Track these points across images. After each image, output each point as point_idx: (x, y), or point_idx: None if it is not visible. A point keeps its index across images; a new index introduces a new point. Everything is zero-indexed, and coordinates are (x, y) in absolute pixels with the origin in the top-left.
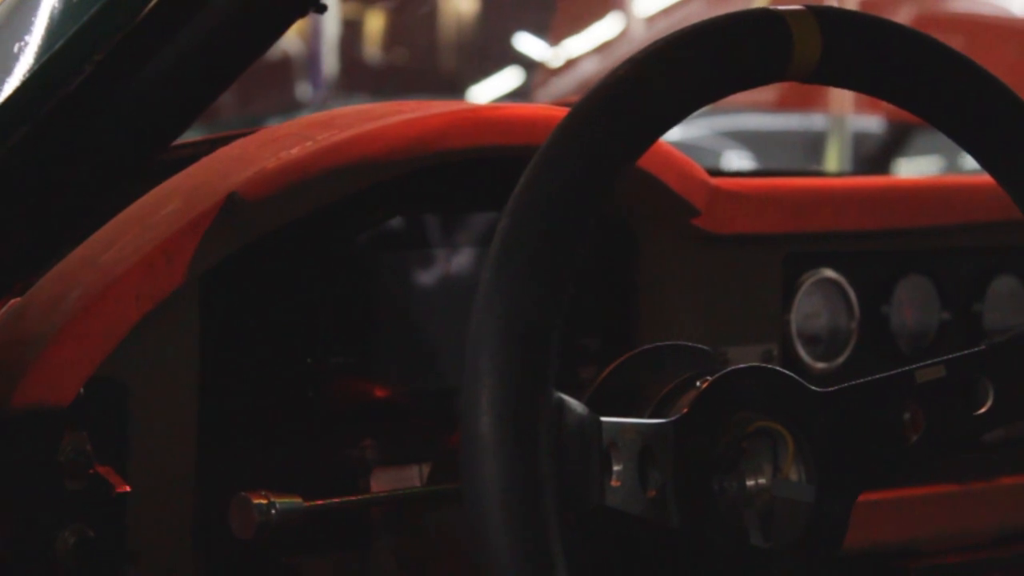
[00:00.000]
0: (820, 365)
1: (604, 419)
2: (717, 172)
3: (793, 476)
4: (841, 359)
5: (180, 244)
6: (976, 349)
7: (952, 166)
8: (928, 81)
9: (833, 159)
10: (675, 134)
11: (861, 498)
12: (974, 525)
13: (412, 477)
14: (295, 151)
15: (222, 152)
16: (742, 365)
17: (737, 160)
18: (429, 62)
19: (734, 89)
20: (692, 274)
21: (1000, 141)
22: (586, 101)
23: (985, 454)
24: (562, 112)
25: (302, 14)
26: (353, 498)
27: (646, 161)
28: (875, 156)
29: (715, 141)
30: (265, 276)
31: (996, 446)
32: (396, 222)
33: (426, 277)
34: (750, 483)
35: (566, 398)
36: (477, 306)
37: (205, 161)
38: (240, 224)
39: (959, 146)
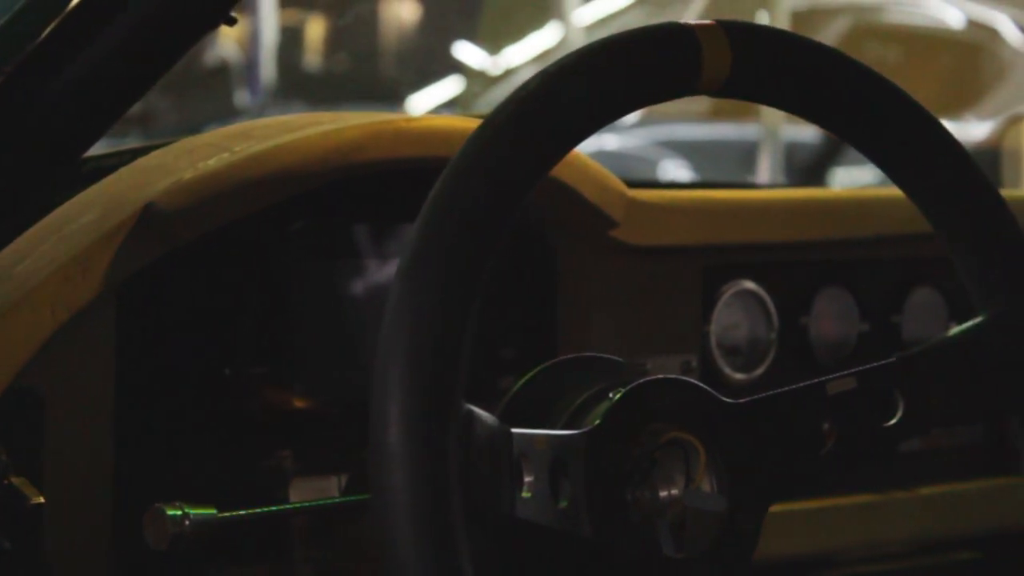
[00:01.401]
0: (739, 376)
1: (515, 430)
2: (636, 184)
3: (705, 487)
4: (760, 370)
5: (97, 255)
6: (886, 361)
7: (887, 176)
8: (838, 95)
9: (765, 169)
10: (613, 144)
11: (779, 508)
12: (892, 535)
13: (331, 487)
14: (213, 162)
15: (140, 163)
16: (654, 377)
17: (674, 170)
18: (369, 70)
19: (644, 103)
20: (611, 285)
21: (909, 155)
22: (496, 115)
23: (903, 464)
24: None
25: (213, 27)
26: (269, 508)
27: (563, 173)
28: (809, 166)
29: (652, 151)
30: (182, 286)
31: (914, 456)
32: (315, 233)
33: (345, 288)
34: (662, 493)
35: (475, 410)
36: (386, 318)
37: (123, 172)
38: (157, 235)
39: (869, 160)
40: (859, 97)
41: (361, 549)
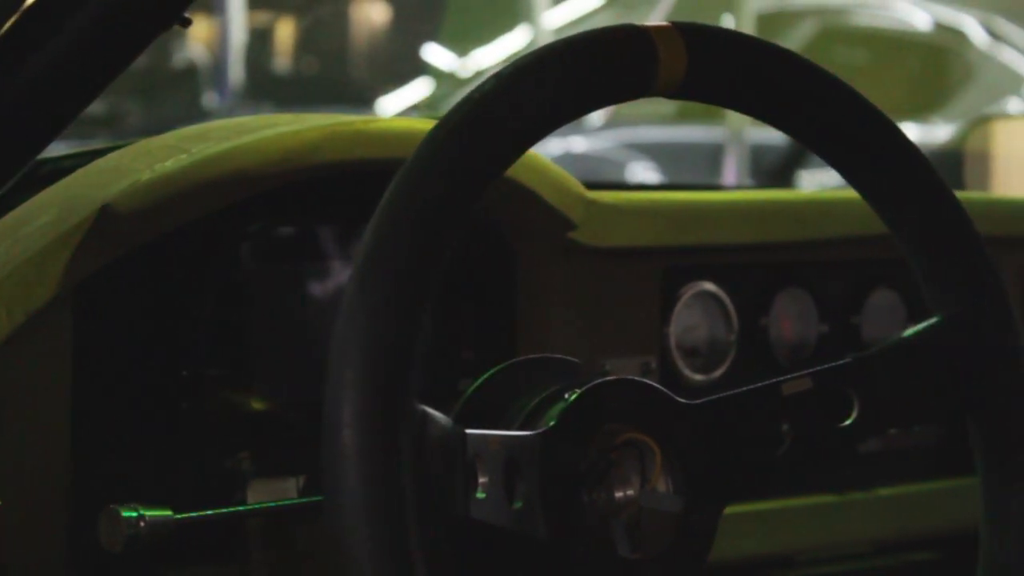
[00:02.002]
0: (699, 377)
1: (469, 431)
2: (595, 185)
3: (661, 487)
4: (720, 371)
5: (53, 256)
6: (841, 362)
7: (842, 178)
8: (793, 98)
9: (730, 172)
10: (580, 146)
11: (738, 508)
12: (850, 535)
13: (289, 489)
14: (169, 163)
15: (97, 164)
16: (610, 378)
17: (641, 172)
18: (339, 72)
19: (599, 105)
20: (570, 287)
21: (864, 156)
22: (450, 116)
23: (861, 465)
24: None
25: (166, 28)
26: (226, 510)
27: (522, 175)
28: (776, 168)
29: (619, 153)
30: (140, 288)
31: (872, 457)
32: (273, 235)
33: (303, 289)
34: (618, 494)
35: (429, 411)
36: (340, 319)
37: (80, 173)
38: (114, 236)
39: (825, 162)
40: (815, 99)
41: (319, 550)
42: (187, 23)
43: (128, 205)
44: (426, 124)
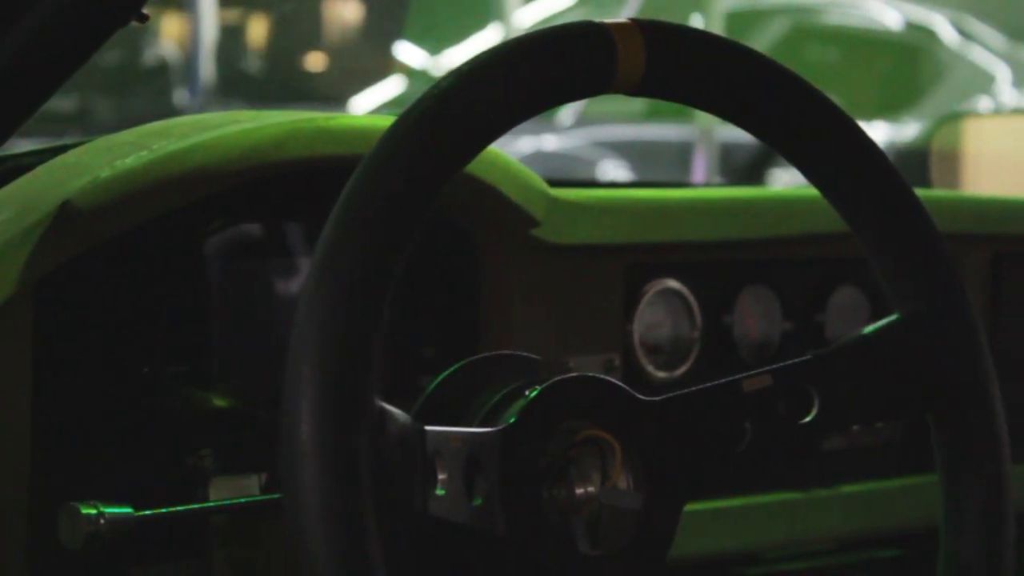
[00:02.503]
0: (662, 374)
1: (428, 428)
2: (558, 183)
3: (622, 484)
4: (683, 369)
5: (13, 253)
6: (802, 359)
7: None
8: (753, 95)
9: (700, 170)
10: (552, 144)
11: (702, 505)
12: (814, 532)
13: (252, 486)
14: (130, 160)
15: (57, 161)
16: (570, 375)
17: (612, 170)
18: (311, 70)
19: (559, 101)
20: (533, 284)
21: (824, 154)
22: (409, 112)
23: (825, 462)
24: None
25: (123, 24)
26: (187, 507)
27: (484, 172)
28: (747, 166)
29: (591, 151)
30: (101, 284)
31: (836, 454)
32: (235, 231)
33: (265, 286)
34: (579, 491)
35: (388, 407)
36: (298, 316)
37: (40, 170)
38: (74, 233)
39: (785, 159)
40: (775, 97)
41: (281, 547)
42: (144, 19)
43: (88, 202)
44: (388, 121)
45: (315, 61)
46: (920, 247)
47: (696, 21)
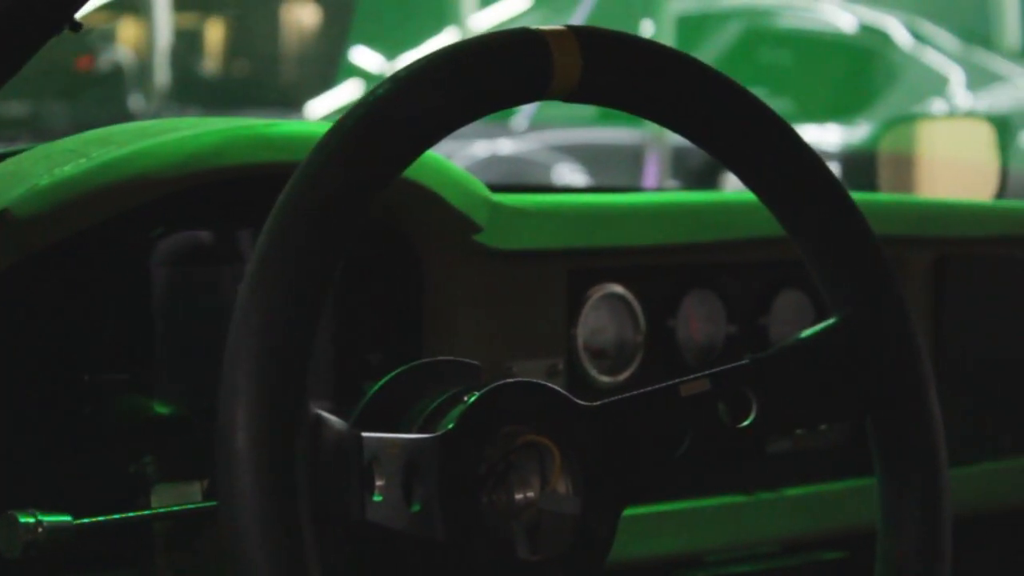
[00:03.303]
0: (606, 379)
1: (365, 434)
2: (500, 188)
3: (561, 489)
4: (627, 373)
5: None
6: (739, 363)
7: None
8: (689, 100)
9: (652, 173)
10: (507, 148)
11: (648, 508)
12: (759, 535)
13: (194, 493)
14: (69, 168)
15: None
16: (509, 380)
17: (568, 174)
18: (268, 75)
19: (495, 108)
20: (476, 289)
21: (759, 158)
22: (345, 119)
23: (770, 465)
24: None
25: (56, 33)
26: (128, 514)
27: (426, 177)
28: (702, 169)
29: (546, 155)
30: (40, 293)
31: (781, 457)
32: (176, 238)
33: (205, 293)
34: (518, 496)
35: (324, 414)
36: (233, 323)
37: None
38: (13, 241)
39: (722, 164)
40: (711, 103)
41: (224, 554)
42: (78, 28)
43: (27, 210)
44: (327, 127)
45: (272, 66)
46: (856, 251)
47: (647, 26)
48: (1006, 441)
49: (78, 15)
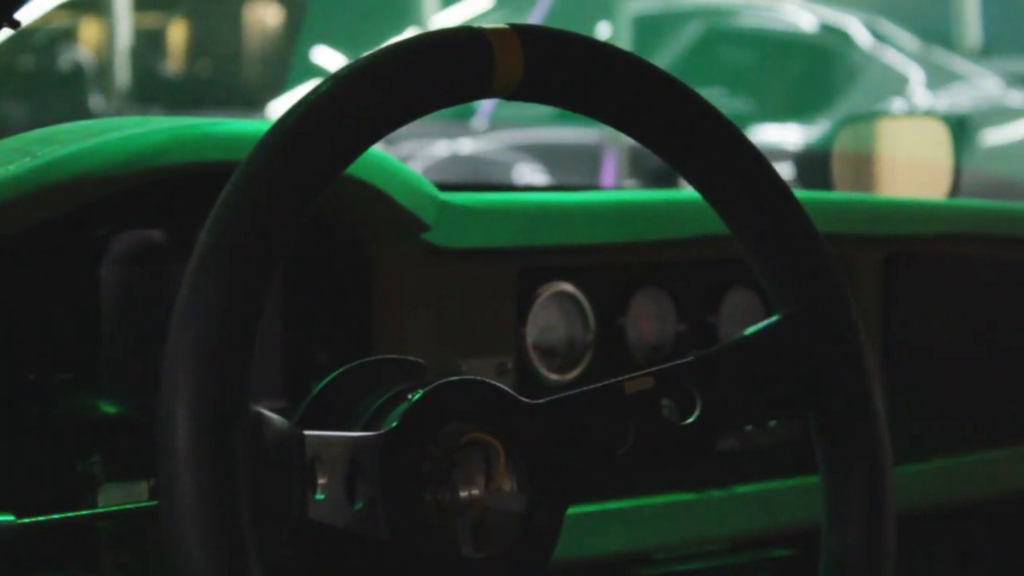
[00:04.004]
0: (556, 377)
1: (307, 433)
2: (449, 187)
3: (506, 487)
4: (577, 371)
5: None
6: (684, 360)
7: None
8: (631, 99)
9: (609, 172)
10: (467, 147)
11: (597, 506)
12: (709, 532)
13: (141, 492)
14: (13, 167)
15: None
16: (453, 378)
17: (529, 173)
18: (230, 75)
19: (436, 106)
20: (425, 288)
21: (702, 156)
22: (286, 118)
23: (720, 462)
24: None
25: None
26: (72, 514)
27: (373, 176)
28: (659, 169)
29: (507, 154)
30: None
31: (731, 454)
32: (123, 237)
33: (151, 292)
34: (463, 494)
35: (265, 412)
36: (174, 322)
37: None
38: None
39: (665, 162)
40: (653, 101)
41: (165, 553)
42: (16, 25)
43: None
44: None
45: (235, 66)
46: (799, 248)
47: (604, 27)
48: (954, 439)
49: (17, 14)
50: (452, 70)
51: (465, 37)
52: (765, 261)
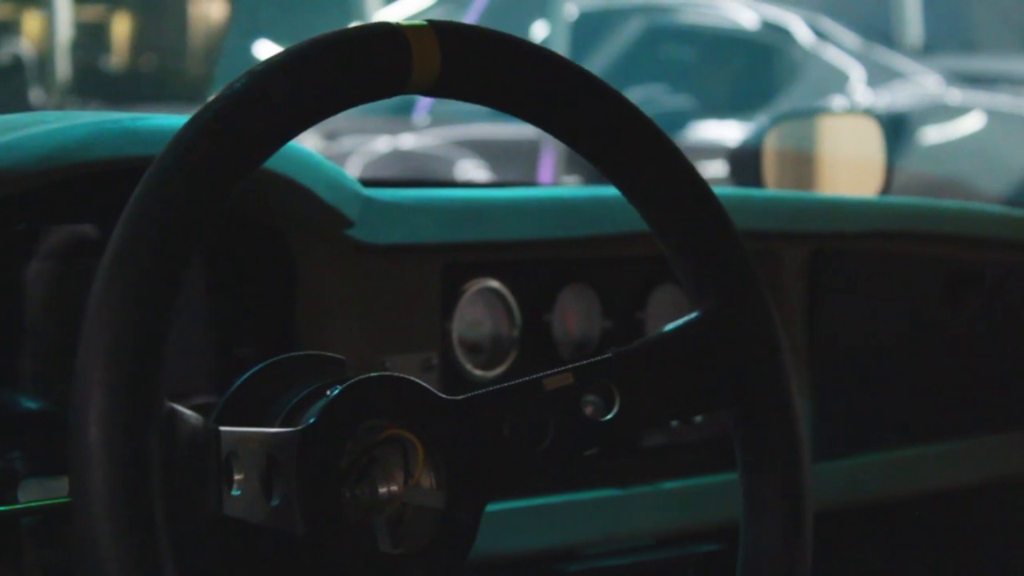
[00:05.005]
0: (481, 373)
1: (223, 429)
2: (373, 183)
3: (425, 483)
4: (503, 368)
5: None
6: (603, 357)
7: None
8: (548, 95)
9: (547, 168)
10: (409, 143)
11: (523, 502)
12: (635, 528)
13: (63, 487)
14: None
15: None
16: (372, 374)
17: (472, 169)
18: (174, 69)
19: (353, 103)
20: (350, 284)
21: (620, 152)
22: (200, 113)
23: (646, 458)
24: None
25: None
26: None
27: (297, 172)
28: None
29: (449, 150)
30: None
31: (658, 450)
32: (48, 233)
33: (71, 288)
34: (382, 490)
35: (180, 409)
36: (87, 318)
37: None
38: None
39: (584, 158)
40: (571, 98)
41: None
42: None
43: None
44: None
45: (178, 60)
46: (717, 246)
47: (539, 29)
48: (880, 435)
49: None
50: (368, 66)
51: (382, 33)
52: (683, 258)
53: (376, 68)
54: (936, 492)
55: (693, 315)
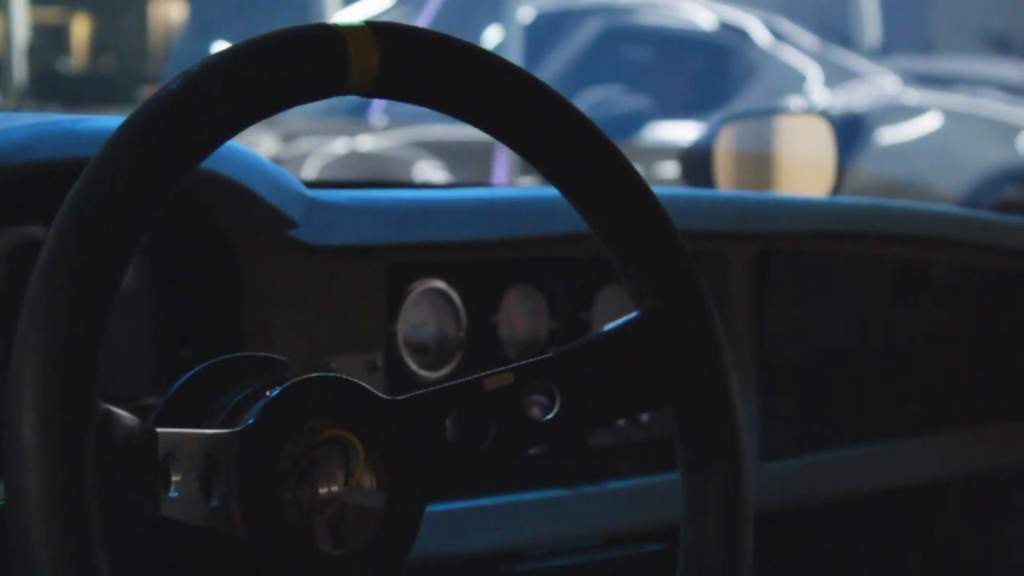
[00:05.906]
0: (427, 374)
1: (160, 430)
2: (317, 184)
3: (365, 483)
4: (449, 368)
5: None
6: (543, 356)
7: (647, 173)
8: (487, 96)
9: (501, 169)
10: (367, 144)
11: (469, 502)
12: (581, 528)
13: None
14: None
15: None
16: (312, 375)
17: (430, 171)
18: (133, 72)
19: (290, 103)
20: (294, 285)
21: (559, 152)
22: (137, 114)
23: (593, 458)
24: None
25: None
26: None
27: (240, 174)
28: None
29: (407, 152)
30: None
31: (604, 450)
32: None
33: (14, 289)
34: (322, 491)
35: (115, 410)
36: (21, 319)
37: None
38: None
39: (523, 158)
40: (510, 98)
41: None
42: None
43: None
44: None
45: (138, 63)
46: (656, 245)
47: (493, 32)
48: (826, 434)
49: None
50: (306, 66)
51: (319, 33)
52: (623, 257)
53: (313, 68)
54: (884, 491)
55: (633, 315)
